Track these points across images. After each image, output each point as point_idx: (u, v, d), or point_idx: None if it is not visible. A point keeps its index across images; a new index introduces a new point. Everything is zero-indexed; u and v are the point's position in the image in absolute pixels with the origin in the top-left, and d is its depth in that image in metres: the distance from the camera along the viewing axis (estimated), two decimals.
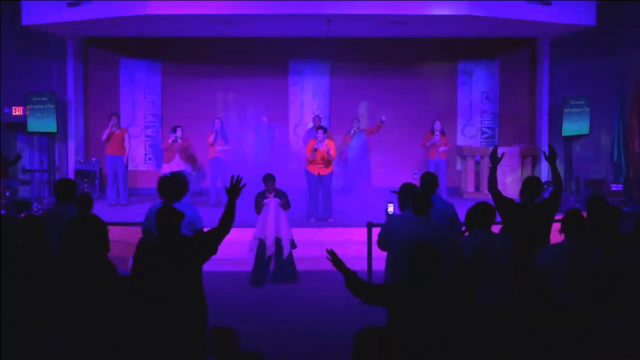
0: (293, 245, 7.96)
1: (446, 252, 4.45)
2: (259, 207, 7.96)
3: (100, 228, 3.91)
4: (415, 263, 3.80)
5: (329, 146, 9.90)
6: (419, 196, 4.89)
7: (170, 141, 11.09)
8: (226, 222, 4.18)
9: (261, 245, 7.83)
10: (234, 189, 4.23)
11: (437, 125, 11.58)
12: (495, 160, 5.72)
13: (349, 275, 3.90)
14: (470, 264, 3.99)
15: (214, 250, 4.15)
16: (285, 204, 8.01)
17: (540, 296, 4.40)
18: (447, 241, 4.63)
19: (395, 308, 3.82)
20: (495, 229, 4.96)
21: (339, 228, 9.59)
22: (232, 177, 4.27)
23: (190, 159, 11.46)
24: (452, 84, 13.15)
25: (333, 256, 3.94)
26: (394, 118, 12.62)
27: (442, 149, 11.54)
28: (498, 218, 5.12)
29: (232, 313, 6.82)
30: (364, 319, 4.82)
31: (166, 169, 10.96)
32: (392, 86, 12.96)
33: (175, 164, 11.07)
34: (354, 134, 11.22)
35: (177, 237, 4.08)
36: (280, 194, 7.98)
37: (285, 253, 7.89)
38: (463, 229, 5.21)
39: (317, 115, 12.26)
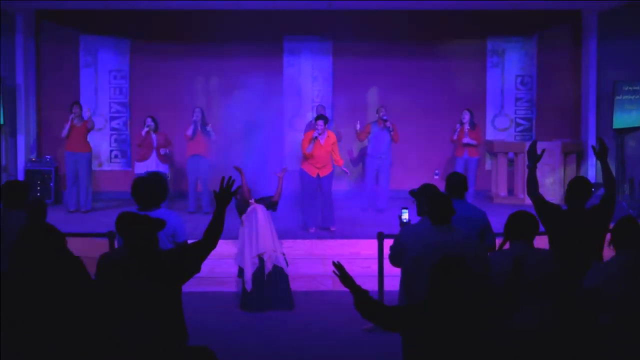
0: (285, 261, 8.04)
1: (472, 268, 4.48)
2: (240, 211, 8.03)
3: (56, 240, 3.92)
4: (440, 278, 3.78)
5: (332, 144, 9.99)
6: (436, 200, 4.91)
7: (143, 133, 11.22)
8: (213, 234, 4.17)
9: (259, 266, 7.89)
10: (225, 194, 4.22)
11: (465, 116, 11.66)
12: (534, 158, 5.73)
13: (360, 295, 3.88)
14: (507, 279, 3.91)
15: (197, 268, 4.15)
16: (268, 204, 8.15)
17: (585, 323, 4.39)
18: (473, 255, 4.61)
19: (416, 333, 3.81)
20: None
21: (344, 240, 9.62)
22: (223, 178, 4.28)
23: (167, 157, 11.51)
24: (480, 66, 13.25)
25: (341, 271, 3.91)
26: (408, 108, 12.72)
27: (466, 140, 11.58)
28: (542, 228, 5.15)
29: (218, 342, 6.85)
30: (373, 350, 4.78)
31: (140, 169, 11.06)
32: (407, 69, 13.07)
33: (152, 163, 11.20)
34: (383, 126, 11.21)
35: (151, 252, 4.07)
36: (261, 203, 8.08)
37: (284, 267, 8.00)
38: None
39: (321, 105, 12.33)
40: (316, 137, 9.89)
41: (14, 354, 3.55)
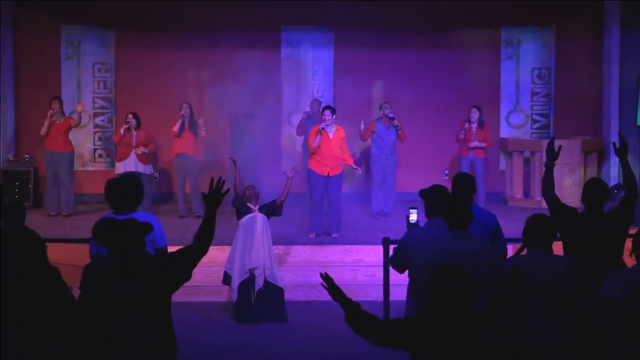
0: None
1: (487, 277, 4.52)
2: (240, 214, 8.06)
3: (35, 246, 3.95)
4: (438, 289, 3.78)
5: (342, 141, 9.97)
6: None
7: (122, 131, 11.23)
8: (204, 239, 4.19)
9: (249, 278, 7.91)
10: (215, 196, 4.25)
11: (474, 114, 11.62)
12: (552, 156, 5.74)
13: (351, 308, 3.87)
14: (507, 287, 4.00)
15: (187, 276, 4.17)
16: (273, 209, 8.16)
17: (599, 338, 4.38)
18: (488, 262, 4.66)
19: (416, 350, 3.79)
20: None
21: (346, 246, 9.62)
22: (212, 180, 4.30)
23: (148, 156, 11.49)
24: (493, 58, 13.29)
25: (328, 282, 3.89)
26: (416, 103, 12.72)
27: (473, 144, 11.56)
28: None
29: (207, 356, 6.83)
30: None
31: (120, 169, 11.13)
32: (415, 61, 13.09)
33: (132, 163, 11.22)
34: (388, 124, 11.19)
35: (138, 259, 4.08)
36: (264, 210, 8.07)
37: (281, 284, 8.00)
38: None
39: (316, 99, 12.34)
40: (323, 129, 9.83)
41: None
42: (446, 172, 12.60)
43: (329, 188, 10.05)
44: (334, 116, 10.00)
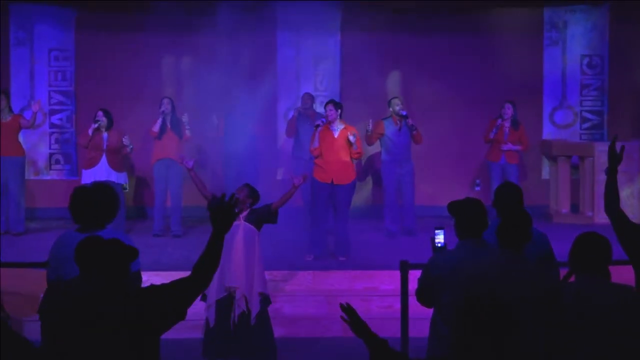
0: (266, 301, 7.89)
1: (544, 307, 4.54)
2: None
3: None
4: (471, 323, 3.72)
5: (351, 134, 9.94)
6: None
7: (90, 131, 11.23)
8: (205, 270, 4.22)
9: (228, 297, 7.84)
10: (225, 215, 4.24)
11: (508, 110, 11.67)
12: (615, 159, 5.68)
13: (378, 346, 3.85)
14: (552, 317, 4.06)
15: (182, 314, 4.17)
16: (266, 216, 8.00)
17: None
18: (544, 290, 4.69)
19: None
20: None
21: (356, 271, 9.66)
22: (223, 196, 4.28)
23: (124, 163, 11.59)
24: (534, 44, 13.29)
25: (351, 315, 3.91)
26: (440, 98, 12.73)
27: (507, 147, 11.58)
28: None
29: None
30: None
31: (88, 177, 11.01)
32: (439, 47, 13.10)
33: (102, 171, 11.21)
34: (400, 124, 11.19)
35: (121, 289, 4.09)
36: (252, 212, 7.97)
37: (254, 312, 7.81)
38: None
39: (308, 93, 12.40)
40: (319, 125, 9.92)
41: None
42: (478, 182, 12.59)
43: (334, 200, 10.09)
44: (340, 111, 10.06)
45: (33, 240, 11.10)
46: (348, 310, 3.92)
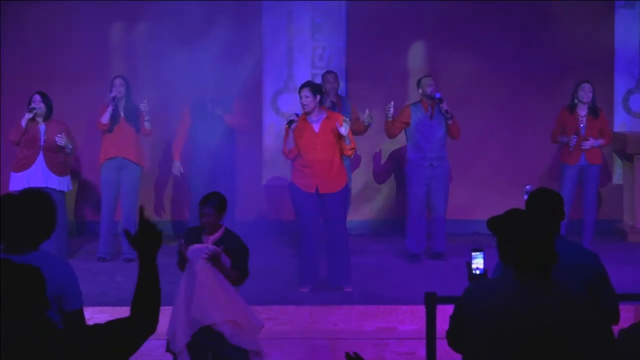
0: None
1: (586, 346, 4.62)
2: (182, 259, 8.14)
3: None
4: None
5: (341, 123, 9.98)
6: (535, 236, 4.93)
7: (23, 123, 11.21)
8: (144, 307, 4.30)
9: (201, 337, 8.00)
10: (147, 235, 4.35)
11: (587, 93, 11.58)
12: None
13: None
14: None
15: None
16: (233, 259, 8.06)
17: None
18: (586, 326, 4.74)
19: None
20: None
21: (367, 306, 9.74)
22: (142, 209, 4.43)
23: (67, 164, 11.61)
24: (602, 7, 13.27)
25: None
26: (478, 78, 12.87)
27: (588, 144, 11.57)
28: None
29: None
30: None
31: (19, 183, 11.15)
32: (477, 13, 13.06)
33: (39, 174, 11.23)
34: (432, 111, 11.35)
35: (37, 330, 4.11)
36: (228, 239, 8.09)
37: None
38: None
39: (331, 72, 12.27)
40: (292, 121, 10.01)
41: None
42: (527, 188, 12.17)
43: (324, 213, 10.23)
44: (319, 97, 10.04)
45: None
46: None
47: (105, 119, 11.34)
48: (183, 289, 8.04)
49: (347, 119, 10.12)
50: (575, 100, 11.67)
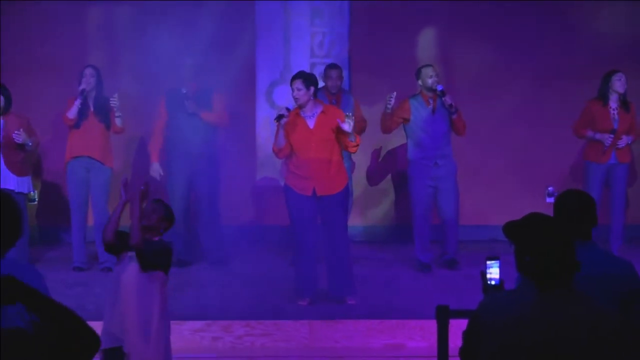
0: None
1: None
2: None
3: None
4: None
5: (343, 119, 9.91)
6: (556, 244, 4.92)
7: None
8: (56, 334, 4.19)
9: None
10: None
11: (622, 83, 11.61)
12: None
13: None
14: None
15: None
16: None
17: None
18: (614, 344, 4.72)
19: None
20: None
21: (373, 321, 9.71)
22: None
23: (28, 162, 11.74)
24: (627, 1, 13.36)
25: None
26: (491, 68, 13.00)
27: (623, 141, 11.69)
28: None
29: None
30: None
31: None
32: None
33: None
34: (434, 105, 11.41)
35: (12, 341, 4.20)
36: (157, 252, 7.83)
37: None
38: None
39: (333, 65, 12.26)
40: (282, 116, 9.94)
41: None
42: (550, 190, 12.13)
43: (323, 218, 10.25)
44: (313, 90, 9.96)
45: None
46: None
47: (72, 113, 11.35)
48: (109, 296, 7.95)
49: (350, 114, 10.02)
50: (604, 89, 11.66)
